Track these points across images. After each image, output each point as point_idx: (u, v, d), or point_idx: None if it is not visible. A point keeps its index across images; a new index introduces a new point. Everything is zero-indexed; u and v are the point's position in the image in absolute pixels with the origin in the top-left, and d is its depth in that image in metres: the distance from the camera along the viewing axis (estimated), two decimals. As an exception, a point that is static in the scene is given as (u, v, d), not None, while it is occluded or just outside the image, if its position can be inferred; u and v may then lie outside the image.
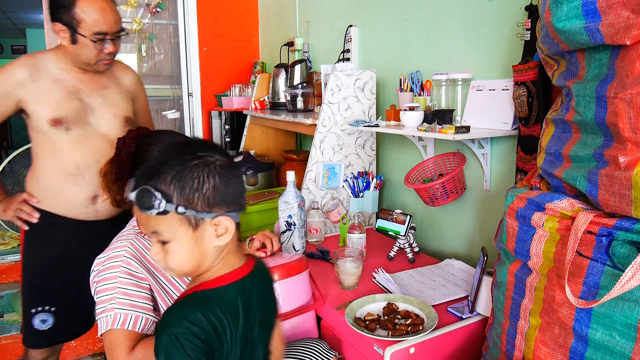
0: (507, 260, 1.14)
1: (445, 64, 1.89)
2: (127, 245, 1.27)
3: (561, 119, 1.05)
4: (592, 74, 0.94)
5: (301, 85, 2.64)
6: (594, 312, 0.88)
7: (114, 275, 1.21)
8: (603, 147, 0.89)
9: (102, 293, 1.19)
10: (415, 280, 1.64)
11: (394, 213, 1.80)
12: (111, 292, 1.19)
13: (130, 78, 1.90)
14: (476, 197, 1.82)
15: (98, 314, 1.19)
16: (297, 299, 1.42)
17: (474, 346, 1.36)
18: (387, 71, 2.25)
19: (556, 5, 0.94)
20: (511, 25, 1.57)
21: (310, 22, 2.97)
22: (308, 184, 2.16)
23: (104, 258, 1.24)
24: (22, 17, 7.50)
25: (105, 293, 1.19)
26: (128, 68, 1.93)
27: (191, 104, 3.69)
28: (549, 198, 0.99)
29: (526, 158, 1.49)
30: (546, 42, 1.06)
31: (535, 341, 1.01)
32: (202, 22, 3.59)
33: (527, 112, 1.45)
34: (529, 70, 1.42)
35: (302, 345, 1.31)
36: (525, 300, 1.05)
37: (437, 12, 1.91)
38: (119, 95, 1.80)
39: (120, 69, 1.87)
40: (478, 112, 1.67)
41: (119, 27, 1.65)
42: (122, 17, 1.76)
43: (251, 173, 2.65)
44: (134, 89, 1.92)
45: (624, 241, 0.84)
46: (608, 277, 0.86)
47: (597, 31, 0.85)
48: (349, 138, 2.20)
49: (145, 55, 3.58)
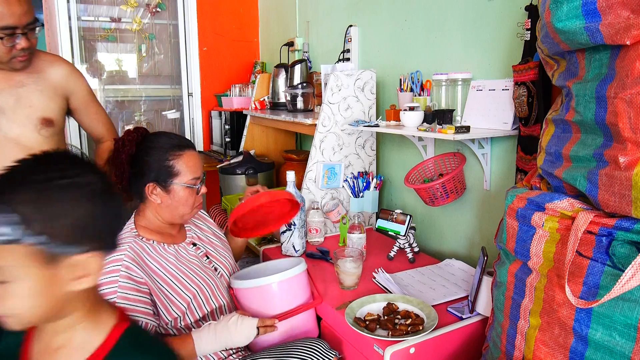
0: (507, 260, 1.14)
1: (445, 63, 1.89)
2: (127, 249, 1.26)
3: (561, 119, 1.05)
4: (592, 74, 0.94)
5: (301, 85, 2.64)
6: (594, 312, 0.88)
7: (113, 279, 1.21)
8: (603, 147, 0.89)
9: None
10: (415, 280, 1.64)
11: (394, 213, 1.80)
12: (111, 297, 1.18)
13: (59, 71, 1.64)
14: (476, 197, 1.82)
15: None
16: (295, 299, 1.42)
17: (474, 346, 1.36)
18: (387, 71, 2.25)
19: (556, 5, 0.94)
20: (511, 25, 1.57)
21: (310, 22, 2.97)
22: (308, 184, 2.16)
23: None
24: (22, 17, 7.50)
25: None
26: (58, 59, 1.69)
27: (191, 104, 3.69)
28: (549, 198, 0.99)
29: (526, 158, 1.49)
30: (546, 42, 1.06)
31: (535, 341, 1.01)
32: (202, 22, 3.59)
33: (527, 112, 1.45)
34: (529, 70, 1.42)
35: (302, 345, 1.31)
36: (525, 300, 1.05)
37: (437, 12, 1.91)
38: (38, 94, 1.58)
39: (48, 62, 1.63)
40: (478, 112, 1.67)
41: (30, 19, 1.45)
42: (122, 17, 1.69)
43: (251, 173, 2.65)
44: (66, 84, 1.65)
45: (624, 241, 0.84)
46: (608, 277, 0.86)
47: (597, 31, 0.85)
48: (349, 138, 2.20)
49: (145, 55, 3.58)
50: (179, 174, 1.34)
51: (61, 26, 3.18)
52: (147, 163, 1.34)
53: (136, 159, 1.35)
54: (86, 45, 3.38)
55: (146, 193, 1.34)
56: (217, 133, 3.52)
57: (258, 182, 2.67)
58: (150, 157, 1.34)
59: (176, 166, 1.34)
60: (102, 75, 3.47)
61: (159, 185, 1.34)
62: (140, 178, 1.34)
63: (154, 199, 1.34)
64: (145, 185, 1.33)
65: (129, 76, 3.57)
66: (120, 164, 1.35)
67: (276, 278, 1.38)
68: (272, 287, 1.39)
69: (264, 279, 1.38)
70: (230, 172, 2.66)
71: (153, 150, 1.35)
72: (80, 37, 3.31)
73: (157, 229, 1.39)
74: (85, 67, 3.39)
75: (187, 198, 1.36)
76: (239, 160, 2.70)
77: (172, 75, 3.67)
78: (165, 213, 1.37)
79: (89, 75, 3.40)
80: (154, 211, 1.38)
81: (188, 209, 1.38)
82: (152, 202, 1.36)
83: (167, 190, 1.34)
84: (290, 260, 1.60)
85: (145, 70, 3.60)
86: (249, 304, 1.40)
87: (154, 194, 1.34)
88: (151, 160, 1.34)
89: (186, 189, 1.36)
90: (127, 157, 1.34)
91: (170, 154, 1.35)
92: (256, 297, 1.39)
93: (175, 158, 1.35)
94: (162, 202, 1.35)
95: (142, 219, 1.39)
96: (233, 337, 1.25)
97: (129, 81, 3.57)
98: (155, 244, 1.35)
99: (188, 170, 1.36)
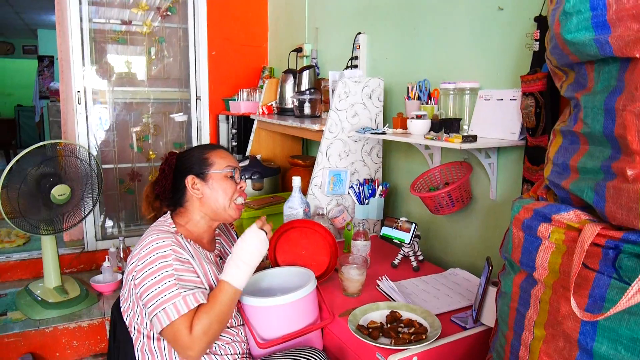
0: (512, 270, 1.13)
1: (453, 72, 1.89)
2: (172, 237, 1.33)
3: (569, 130, 1.05)
4: (601, 86, 0.94)
5: (309, 91, 2.65)
6: (599, 325, 0.87)
7: (167, 264, 1.26)
8: (611, 160, 0.89)
9: (160, 283, 1.24)
10: (419, 289, 1.63)
11: (399, 221, 1.80)
12: (171, 280, 1.24)
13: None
14: (482, 207, 1.81)
15: (159, 305, 1.22)
16: (304, 318, 1.41)
17: (477, 357, 1.36)
18: (395, 79, 2.25)
19: (566, 17, 0.94)
20: (520, 36, 1.57)
21: (319, 29, 2.98)
22: (314, 190, 2.17)
23: (148, 249, 1.28)
24: (34, 18, 7.59)
25: (165, 282, 1.24)
26: None
27: (199, 108, 3.71)
28: (556, 209, 0.99)
29: (533, 169, 1.49)
30: (555, 53, 1.06)
31: (540, 353, 1.00)
32: (212, 26, 3.61)
33: (534, 122, 1.45)
34: (537, 80, 1.42)
35: (300, 354, 1.31)
36: (530, 311, 1.04)
37: (445, 21, 1.91)
38: None
39: None
40: (485, 121, 1.67)
41: None
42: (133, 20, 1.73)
43: (257, 178, 2.66)
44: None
45: (630, 254, 0.84)
46: (614, 290, 0.85)
47: (606, 43, 0.85)
48: (356, 145, 2.20)
49: (155, 58, 3.61)
50: (214, 164, 1.44)
51: (73, 28, 3.21)
52: (185, 164, 1.45)
53: (176, 168, 1.46)
54: (97, 47, 3.41)
55: (187, 189, 1.42)
56: (224, 137, 3.53)
57: (264, 186, 2.67)
58: (187, 158, 1.46)
59: (211, 157, 1.45)
60: (112, 77, 3.50)
61: (198, 177, 1.43)
62: (180, 179, 1.44)
63: (195, 193, 1.42)
64: (185, 179, 1.42)
65: (138, 78, 3.60)
66: (163, 175, 1.45)
67: (285, 299, 1.36)
68: (280, 309, 1.37)
69: (272, 300, 1.37)
70: (236, 176, 2.67)
71: (189, 154, 1.48)
72: (91, 39, 3.34)
73: (194, 232, 1.45)
74: (95, 69, 3.42)
75: (225, 188, 1.43)
76: (246, 164, 2.71)
77: (180, 79, 3.70)
78: (208, 207, 1.44)
79: (98, 76, 3.44)
80: (197, 209, 1.44)
81: (227, 200, 1.44)
82: (195, 200, 1.43)
83: (205, 180, 1.43)
84: (299, 270, 1.58)
85: (154, 73, 3.63)
86: (255, 322, 1.39)
87: (194, 188, 1.42)
88: (188, 160, 1.45)
89: (223, 177, 1.44)
90: (170, 170, 1.45)
91: (204, 151, 1.47)
92: (263, 316, 1.38)
93: (208, 152, 1.47)
94: (203, 195, 1.42)
95: (181, 218, 1.45)
96: (248, 250, 1.33)
97: (137, 83, 3.60)
98: (192, 243, 1.40)
99: (222, 160, 1.46)
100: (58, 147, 2.57)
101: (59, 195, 2.50)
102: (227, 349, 1.36)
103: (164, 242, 1.29)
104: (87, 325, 2.56)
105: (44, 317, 2.54)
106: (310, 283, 1.42)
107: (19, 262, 3.15)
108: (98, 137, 3.48)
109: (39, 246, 2.73)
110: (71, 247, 3.38)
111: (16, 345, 2.42)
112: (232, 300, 1.28)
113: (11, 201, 2.39)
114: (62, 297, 2.65)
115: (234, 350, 1.37)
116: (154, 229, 1.36)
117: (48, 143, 2.52)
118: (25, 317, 2.55)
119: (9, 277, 3.13)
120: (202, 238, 1.46)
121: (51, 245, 2.64)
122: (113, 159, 3.57)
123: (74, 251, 3.33)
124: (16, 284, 3.05)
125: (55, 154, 2.55)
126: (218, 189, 1.42)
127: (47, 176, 2.49)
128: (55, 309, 2.59)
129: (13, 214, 2.43)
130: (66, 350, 2.53)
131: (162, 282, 1.23)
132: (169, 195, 1.46)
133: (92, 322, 2.58)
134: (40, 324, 2.49)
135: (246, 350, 1.41)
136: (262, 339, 1.37)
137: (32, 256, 3.17)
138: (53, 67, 8.04)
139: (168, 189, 1.44)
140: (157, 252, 1.27)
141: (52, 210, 2.54)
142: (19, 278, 3.14)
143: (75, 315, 2.60)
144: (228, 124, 3.42)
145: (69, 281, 2.83)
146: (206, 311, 1.23)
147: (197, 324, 1.21)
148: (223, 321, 1.26)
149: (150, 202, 1.51)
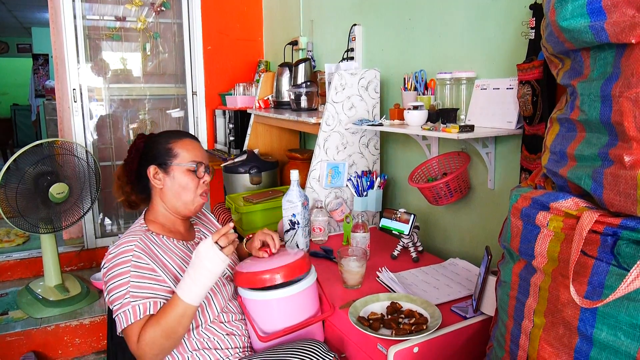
0: (511, 259, 1.13)
1: (449, 62, 1.89)
2: (137, 240, 1.30)
3: (566, 118, 1.04)
4: (597, 72, 0.93)
5: (305, 84, 2.64)
6: (598, 312, 0.88)
7: (124, 270, 1.25)
8: (608, 146, 0.89)
9: (117, 290, 1.23)
10: (419, 280, 1.64)
11: (398, 212, 1.80)
12: (124, 288, 1.23)
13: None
14: (480, 197, 1.81)
15: (115, 310, 1.23)
16: (305, 310, 1.41)
17: (478, 346, 1.36)
18: (391, 70, 2.25)
19: (561, 4, 0.93)
20: (516, 24, 1.57)
21: (314, 21, 2.97)
22: (312, 183, 2.17)
23: (113, 254, 1.28)
24: (28, 16, 7.54)
25: (120, 289, 1.23)
26: None
27: (195, 103, 3.70)
28: (554, 197, 0.99)
29: (530, 157, 1.49)
30: (551, 40, 1.05)
31: (540, 341, 1.00)
32: (207, 21, 3.59)
33: (531, 111, 1.44)
34: (534, 69, 1.41)
35: (301, 346, 1.31)
36: (530, 299, 1.04)
37: (441, 11, 1.91)
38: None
39: None
40: (482, 111, 1.67)
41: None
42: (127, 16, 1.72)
43: (255, 172, 2.66)
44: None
45: (629, 240, 0.84)
46: (613, 277, 0.85)
47: (602, 30, 0.85)
48: (353, 137, 2.20)
49: (150, 54, 3.59)
50: (177, 155, 1.39)
51: (66, 25, 3.19)
52: (150, 150, 1.41)
53: (143, 153, 1.42)
54: (91, 44, 3.39)
55: (149, 179, 1.39)
56: (221, 132, 3.53)
57: (262, 181, 2.67)
58: (153, 145, 1.42)
59: (175, 149, 1.40)
60: (107, 74, 3.48)
61: (160, 168, 1.39)
62: (144, 167, 1.40)
63: (156, 183, 1.39)
64: (147, 169, 1.38)
65: (134, 75, 3.58)
66: (131, 162, 1.42)
67: (286, 292, 1.35)
68: (281, 302, 1.36)
69: (273, 293, 1.35)
70: (234, 171, 2.67)
71: (156, 140, 1.43)
72: (85, 36, 3.32)
73: (165, 224, 1.42)
74: (90, 66, 3.40)
75: (187, 182, 1.39)
76: (243, 159, 2.70)
77: (176, 74, 3.68)
78: (169, 199, 1.40)
79: (93, 73, 3.42)
80: (159, 199, 1.41)
81: (190, 196, 1.40)
82: (157, 189, 1.40)
83: (167, 172, 1.39)
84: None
85: (149, 69, 3.61)
86: (256, 316, 1.39)
87: (156, 178, 1.39)
88: (154, 147, 1.41)
89: (186, 171, 1.39)
90: (136, 153, 1.41)
91: (170, 140, 1.41)
92: (264, 309, 1.38)
93: (174, 142, 1.41)
94: (164, 187, 1.39)
95: (150, 213, 1.43)
96: (204, 264, 1.20)
97: (133, 80, 3.58)
98: (164, 238, 1.38)
99: (187, 154, 1.40)
100: (55, 145, 2.56)
101: (57, 194, 2.50)
102: (228, 342, 1.36)
103: (128, 246, 1.27)
104: (88, 323, 2.57)
105: (45, 315, 2.55)
106: (311, 276, 1.42)
107: (19, 261, 3.15)
108: (95, 134, 3.47)
109: (39, 245, 2.74)
110: (71, 245, 3.39)
111: (19, 343, 2.43)
112: (182, 316, 1.19)
113: (9, 201, 2.39)
114: (63, 295, 2.65)
115: (234, 344, 1.37)
116: (127, 232, 1.36)
117: (45, 141, 2.51)
118: (27, 316, 2.56)
119: (9, 277, 3.13)
120: (177, 228, 1.44)
121: (51, 244, 2.65)
122: (110, 156, 3.56)
123: (73, 249, 3.33)
124: (17, 283, 3.05)
125: (52, 153, 2.54)
126: (180, 183, 1.38)
127: (44, 175, 2.49)
128: (56, 307, 2.59)
129: (12, 214, 2.43)
130: (68, 347, 2.54)
131: (118, 288, 1.23)
132: (135, 181, 1.43)
133: (94, 320, 2.58)
134: (42, 322, 2.50)
135: (247, 344, 1.42)
136: (263, 332, 1.37)
137: (32, 255, 3.17)
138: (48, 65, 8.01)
139: (133, 173, 1.41)
140: (118, 258, 1.26)
141: (50, 209, 2.54)
142: (19, 277, 3.14)
143: (77, 313, 2.61)
144: (225, 118, 3.41)
145: (69, 279, 2.84)
146: (153, 324, 1.19)
147: (143, 335, 1.19)
148: (172, 336, 1.20)
149: (121, 185, 1.45)
